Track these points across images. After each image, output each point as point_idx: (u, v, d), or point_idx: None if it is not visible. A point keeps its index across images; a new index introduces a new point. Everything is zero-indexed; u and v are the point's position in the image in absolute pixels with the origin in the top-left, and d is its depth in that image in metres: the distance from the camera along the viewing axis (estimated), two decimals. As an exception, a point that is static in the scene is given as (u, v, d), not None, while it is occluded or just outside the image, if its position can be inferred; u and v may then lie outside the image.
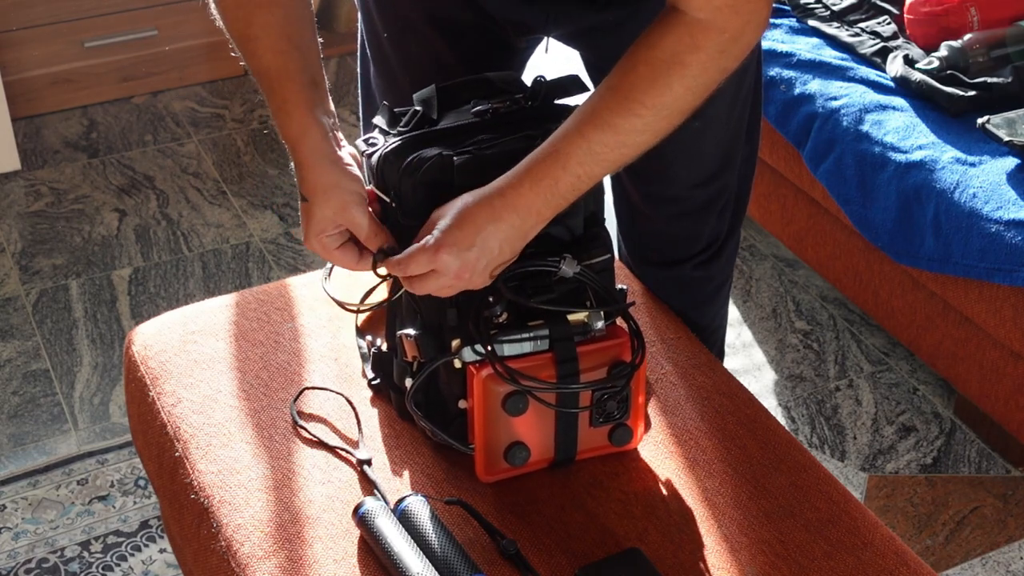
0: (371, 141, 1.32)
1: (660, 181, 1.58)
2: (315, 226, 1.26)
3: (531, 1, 1.44)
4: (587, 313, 1.27)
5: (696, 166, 1.56)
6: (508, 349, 1.24)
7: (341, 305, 1.41)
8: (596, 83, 1.63)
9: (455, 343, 1.25)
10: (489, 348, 1.22)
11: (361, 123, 1.74)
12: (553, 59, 1.63)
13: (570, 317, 1.26)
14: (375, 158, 1.29)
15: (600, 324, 1.27)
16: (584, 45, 1.55)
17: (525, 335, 1.24)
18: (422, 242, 1.21)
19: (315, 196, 1.25)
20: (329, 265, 1.49)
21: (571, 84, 1.36)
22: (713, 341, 1.75)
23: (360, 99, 1.71)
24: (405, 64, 1.55)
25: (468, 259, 1.19)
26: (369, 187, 1.31)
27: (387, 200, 1.28)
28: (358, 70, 1.69)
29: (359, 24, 1.64)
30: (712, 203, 1.61)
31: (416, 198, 1.26)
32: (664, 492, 1.31)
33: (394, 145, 1.28)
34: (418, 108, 1.32)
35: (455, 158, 1.25)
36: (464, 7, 1.45)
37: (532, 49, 1.60)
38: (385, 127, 1.33)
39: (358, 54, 1.66)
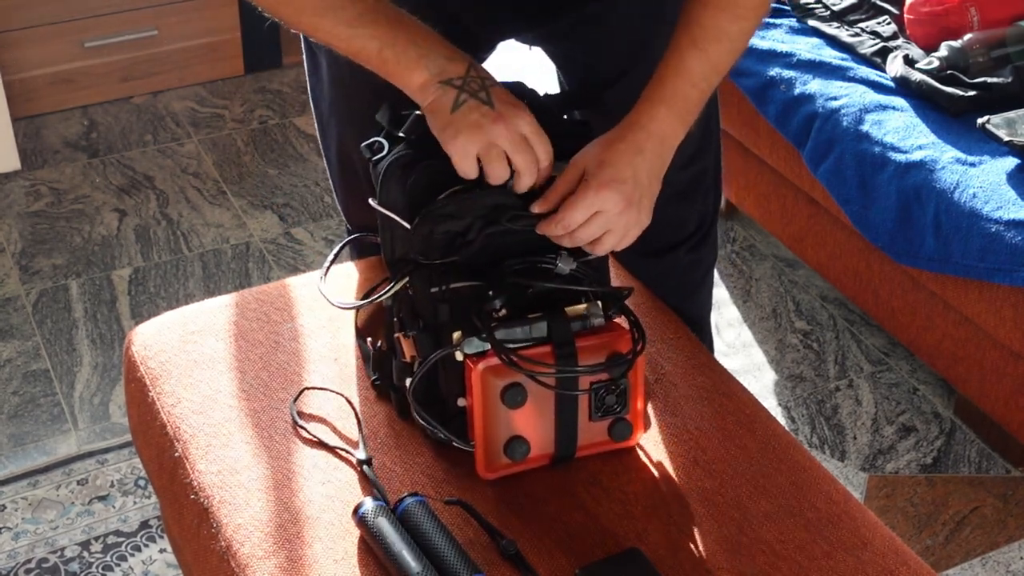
0: (376, 147, 1.31)
1: None
2: (521, 110, 1.22)
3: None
4: (586, 306, 1.27)
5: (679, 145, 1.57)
6: (508, 337, 1.24)
7: (335, 305, 1.41)
8: (569, 82, 1.63)
9: (456, 335, 1.25)
10: (489, 335, 1.22)
11: (326, 158, 1.69)
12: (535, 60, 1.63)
13: (568, 310, 1.26)
14: (382, 167, 1.28)
15: (599, 318, 1.27)
16: (559, 44, 1.54)
17: (524, 325, 1.24)
18: (575, 193, 1.21)
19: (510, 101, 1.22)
20: (326, 265, 1.48)
21: (576, 95, 1.36)
22: (704, 333, 1.76)
23: (319, 133, 1.66)
24: (364, 85, 1.34)
25: (627, 192, 1.22)
26: (373, 202, 1.30)
27: (400, 221, 1.27)
28: (312, 107, 1.64)
29: (304, 55, 1.58)
30: (696, 184, 1.62)
31: (431, 241, 1.25)
32: (664, 492, 1.31)
33: (400, 155, 1.27)
34: (419, 112, 1.31)
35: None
36: (437, 15, 1.30)
37: (491, 53, 1.58)
38: (388, 127, 1.32)
39: (308, 85, 1.62)
